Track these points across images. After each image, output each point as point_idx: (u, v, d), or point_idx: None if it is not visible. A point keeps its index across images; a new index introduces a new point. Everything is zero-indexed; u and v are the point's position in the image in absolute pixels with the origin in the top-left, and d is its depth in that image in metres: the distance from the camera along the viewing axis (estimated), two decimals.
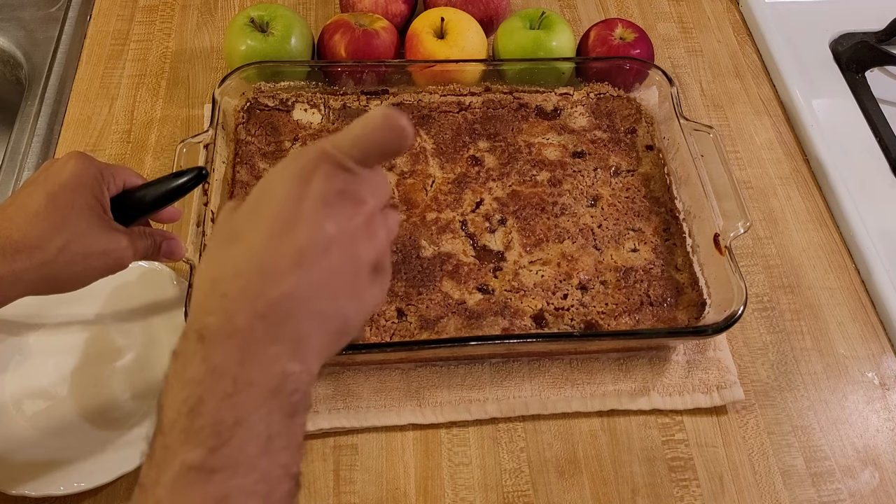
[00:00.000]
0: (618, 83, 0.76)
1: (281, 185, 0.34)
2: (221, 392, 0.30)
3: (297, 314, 0.32)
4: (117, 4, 0.88)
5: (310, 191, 0.33)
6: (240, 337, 0.31)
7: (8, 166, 0.73)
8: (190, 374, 0.31)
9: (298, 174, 0.34)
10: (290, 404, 0.32)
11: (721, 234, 0.62)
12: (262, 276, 0.32)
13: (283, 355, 0.32)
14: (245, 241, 0.33)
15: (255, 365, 0.31)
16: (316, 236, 0.33)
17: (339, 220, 0.34)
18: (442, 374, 0.62)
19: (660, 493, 0.58)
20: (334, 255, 0.34)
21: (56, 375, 0.59)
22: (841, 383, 0.64)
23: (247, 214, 0.35)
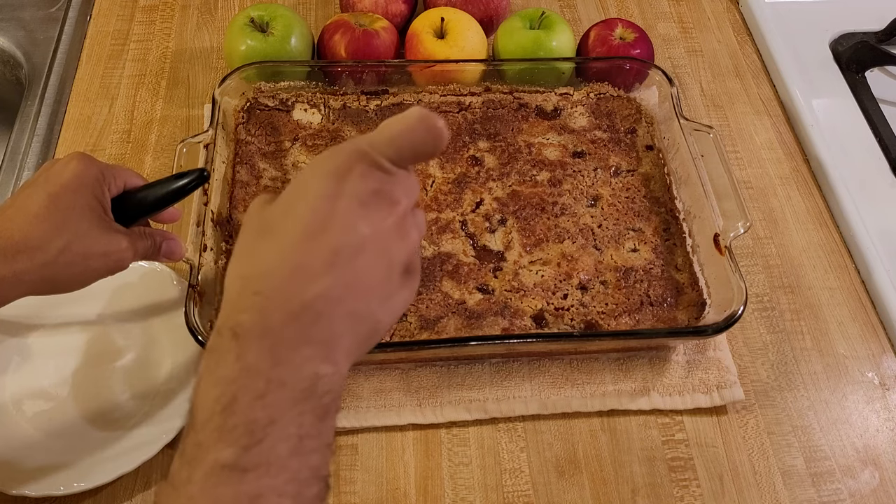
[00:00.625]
0: (618, 83, 0.76)
1: (316, 182, 0.34)
2: (255, 391, 0.30)
3: (330, 315, 0.32)
4: (117, 4, 0.88)
5: (345, 189, 0.33)
6: (273, 336, 0.31)
7: (8, 166, 0.73)
8: (223, 372, 0.31)
9: (334, 172, 0.34)
10: (321, 406, 0.32)
11: (721, 234, 0.62)
12: (296, 276, 0.32)
13: (315, 357, 0.32)
14: (278, 239, 0.33)
15: (288, 365, 0.31)
16: (350, 237, 0.33)
17: (373, 220, 0.34)
18: (442, 374, 0.62)
19: (660, 493, 0.58)
20: (368, 256, 0.33)
21: (56, 376, 0.59)
22: (841, 383, 0.64)
23: (280, 210, 0.34)
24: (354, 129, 0.72)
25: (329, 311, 0.32)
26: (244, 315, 0.32)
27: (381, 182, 0.34)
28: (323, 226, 0.32)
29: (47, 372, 0.59)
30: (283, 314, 0.31)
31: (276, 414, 0.30)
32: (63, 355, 0.60)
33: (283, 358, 0.31)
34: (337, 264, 0.32)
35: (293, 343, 0.31)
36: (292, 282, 0.32)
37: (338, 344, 0.33)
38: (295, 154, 0.70)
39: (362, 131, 0.72)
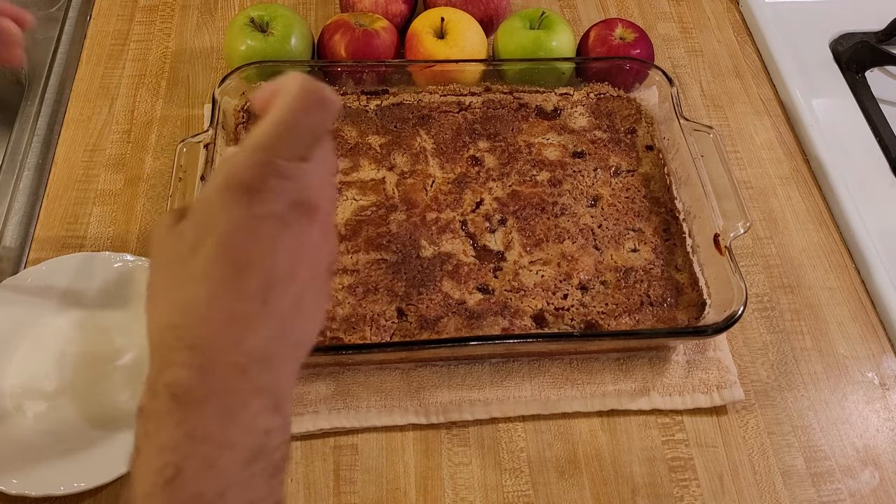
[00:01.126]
0: (618, 83, 0.76)
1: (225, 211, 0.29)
2: (203, 461, 0.27)
3: (279, 357, 0.29)
4: (117, 4, 0.88)
5: (260, 212, 0.29)
6: (219, 395, 0.28)
7: (8, 166, 0.73)
8: (164, 439, 0.27)
9: (242, 194, 0.29)
10: (272, 465, 0.29)
11: (721, 234, 0.62)
12: (232, 324, 0.28)
13: (265, 409, 0.29)
14: (199, 280, 0.29)
15: (237, 425, 0.28)
16: (279, 266, 0.29)
17: (297, 238, 0.30)
18: (442, 374, 0.62)
19: (660, 493, 0.58)
20: (301, 278, 0.30)
21: (56, 376, 0.59)
22: (841, 383, 0.64)
23: (190, 242, 0.30)
24: (354, 129, 0.72)
25: (276, 352, 0.29)
26: (182, 372, 0.28)
27: (295, 191, 0.30)
28: (247, 261, 0.29)
29: (47, 372, 0.59)
30: (226, 369, 0.28)
31: (225, 484, 0.27)
32: (62, 355, 0.60)
33: (232, 418, 0.28)
34: (273, 299, 0.29)
35: (242, 398, 0.28)
36: (230, 330, 0.28)
37: (284, 387, 0.30)
38: None
39: (362, 131, 0.72)
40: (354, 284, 0.62)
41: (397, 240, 0.65)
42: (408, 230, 0.66)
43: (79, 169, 0.74)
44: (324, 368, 0.61)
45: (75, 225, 0.70)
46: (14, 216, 0.70)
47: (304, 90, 0.31)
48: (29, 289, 0.62)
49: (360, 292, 0.62)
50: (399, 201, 0.68)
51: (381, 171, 0.70)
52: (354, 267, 0.63)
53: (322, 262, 0.32)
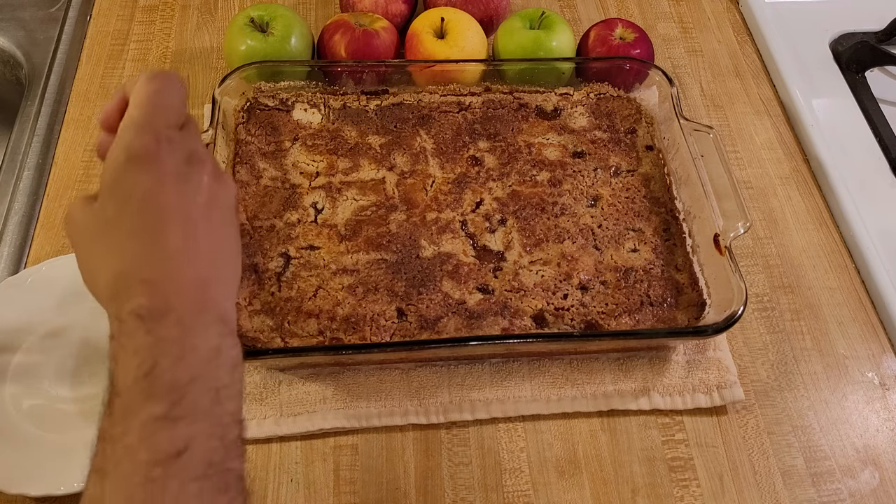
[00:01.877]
0: (618, 83, 0.76)
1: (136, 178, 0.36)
2: (172, 356, 0.34)
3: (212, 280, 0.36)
4: (117, 4, 0.88)
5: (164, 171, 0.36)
6: (176, 313, 0.34)
7: (8, 166, 0.73)
8: (138, 344, 0.34)
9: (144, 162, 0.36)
10: (230, 360, 0.36)
11: (721, 234, 0.62)
12: (169, 260, 0.35)
13: (214, 321, 0.36)
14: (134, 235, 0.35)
15: (196, 333, 0.35)
16: (191, 208, 0.36)
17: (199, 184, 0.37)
18: (442, 374, 0.62)
19: (660, 493, 0.58)
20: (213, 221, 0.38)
21: (55, 375, 0.59)
22: (841, 383, 0.64)
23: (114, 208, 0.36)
24: (354, 129, 0.72)
25: (210, 276, 0.36)
26: (141, 299, 0.34)
27: (182, 148, 0.37)
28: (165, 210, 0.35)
29: (47, 371, 0.59)
30: (175, 291, 0.35)
31: (194, 373, 0.34)
32: (62, 354, 0.60)
33: (191, 327, 0.35)
34: (194, 235, 0.36)
35: (195, 314, 0.35)
36: (169, 264, 0.35)
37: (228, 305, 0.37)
38: (295, 154, 0.70)
39: (362, 131, 0.72)
40: (354, 284, 0.62)
41: (397, 240, 0.65)
42: (408, 230, 0.66)
43: (79, 169, 0.74)
44: (324, 368, 0.61)
45: None
46: (14, 216, 0.70)
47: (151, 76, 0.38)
48: (29, 289, 0.62)
49: (360, 292, 0.62)
50: (399, 201, 0.68)
51: (381, 171, 0.69)
52: (354, 267, 0.63)
53: (223, 200, 0.39)
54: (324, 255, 0.63)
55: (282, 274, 0.62)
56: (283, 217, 0.65)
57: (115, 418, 0.34)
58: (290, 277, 0.62)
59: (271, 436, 0.59)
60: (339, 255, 0.64)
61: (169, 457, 0.32)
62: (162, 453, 0.32)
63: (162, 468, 0.32)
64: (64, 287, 0.63)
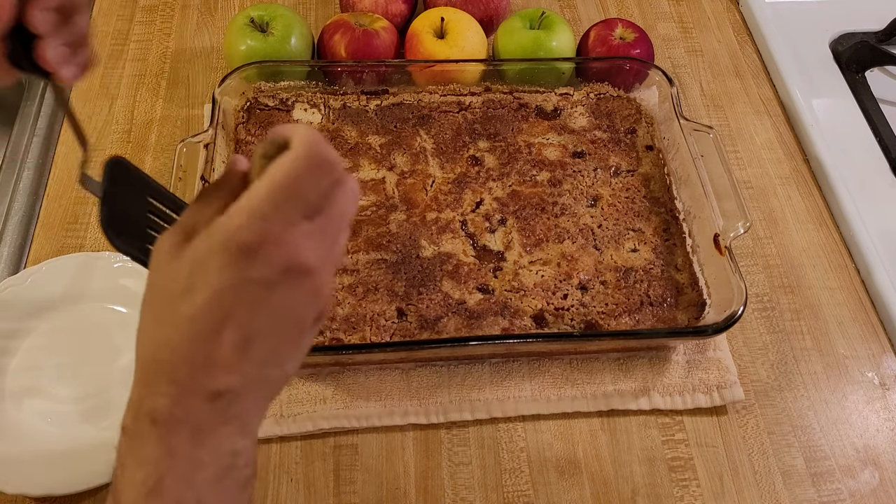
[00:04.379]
0: (618, 83, 0.76)
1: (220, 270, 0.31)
2: (180, 475, 0.31)
3: (245, 393, 0.33)
4: (117, 4, 0.88)
5: (251, 276, 0.31)
6: (192, 421, 0.32)
7: (8, 166, 0.73)
8: (146, 454, 0.31)
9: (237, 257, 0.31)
10: (241, 479, 0.33)
11: (721, 234, 0.62)
12: (208, 368, 0.32)
13: (234, 434, 0.33)
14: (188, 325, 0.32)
15: (209, 446, 0.32)
16: (260, 324, 0.32)
17: (283, 300, 0.32)
18: (442, 374, 0.62)
19: (660, 493, 0.58)
20: (279, 333, 0.33)
21: (56, 375, 0.59)
22: (841, 383, 0.64)
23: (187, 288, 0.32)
24: (354, 129, 0.72)
25: (244, 391, 0.33)
26: (161, 400, 0.32)
27: (288, 255, 0.32)
28: (230, 317, 0.32)
29: (47, 371, 0.59)
30: (199, 401, 0.32)
31: (201, 494, 0.32)
32: (63, 355, 0.60)
33: (203, 438, 0.32)
34: (248, 350, 0.32)
35: (212, 425, 0.32)
36: (205, 372, 0.32)
37: (253, 415, 0.34)
38: None
39: (362, 131, 0.72)
40: (354, 284, 0.62)
41: (397, 240, 0.65)
42: (408, 230, 0.66)
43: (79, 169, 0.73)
44: (324, 368, 0.61)
45: (75, 225, 0.70)
46: (14, 216, 0.70)
47: (308, 152, 0.32)
48: (29, 289, 0.62)
49: (360, 292, 0.62)
50: (399, 201, 0.68)
51: (381, 171, 0.70)
52: (354, 267, 0.63)
53: (306, 317, 0.34)
54: None
55: None
56: None
57: None
58: None
59: (271, 436, 0.59)
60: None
61: None
62: None
63: None
64: (64, 287, 0.63)
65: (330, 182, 0.33)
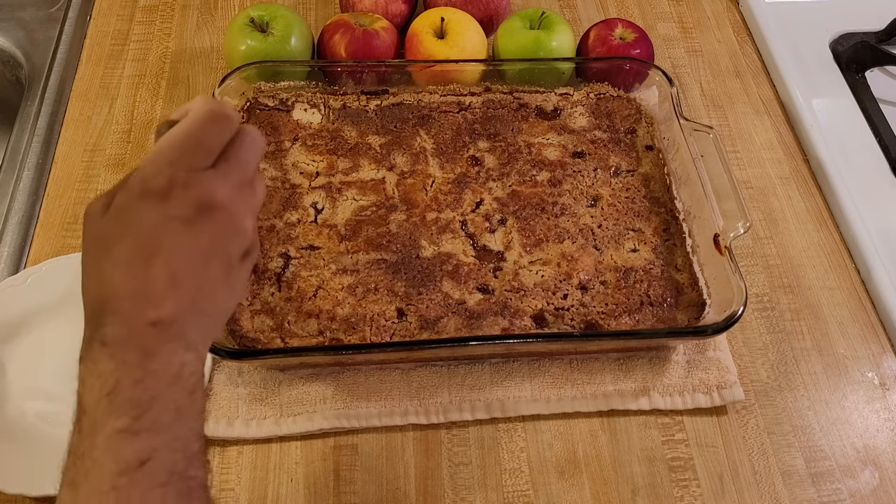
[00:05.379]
0: (618, 83, 0.76)
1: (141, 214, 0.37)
2: (133, 378, 0.36)
3: (182, 321, 0.37)
4: (117, 4, 0.88)
5: (168, 213, 0.37)
6: (137, 340, 0.36)
7: (8, 166, 0.73)
8: (102, 368, 0.36)
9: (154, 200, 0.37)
10: (190, 384, 0.38)
11: (721, 234, 0.62)
12: (144, 300, 0.36)
13: (177, 349, 0.37)
14: (120, 263, 0.37)
15: (157, 358, 0.36)
16: (182, 258, 0.37)
17: (202, 235, 0.38)
18: (442, 374, 0.62)
19: (660, 493, 0.58)
20: (205, 266, 0.38)
21: (56, 375, 0.59)
22: (841, 383, 0.64)
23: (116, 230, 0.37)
24: (354, 129, 0.72)
25: (180, 318, 0.37)
26: (108, 328, 0.36)
27: (199, 193, 0.37)
28: (156, 251, 0.36)
29: (47, 372, 0.59)
30: (141, 325, 0.36)
31: (154, 393, 0.36)
32: (63, 355, 0.60)
33: (151, 353, 0.36)
34: (178, 284, 0.37)
35: (156, 342, 0.36)
36: (142, 304, 0.36)
37: (193, 336, 0.38)
38: (295, 154, 0.70)
39: (362, 131, 0.72)
40: (354, 284, 0.62)
41: (397, 240, 0.65)
42: (408, 230, 0.66)
43: (79, 169, 0.74)
44: (324, 368, 0.61)
45: (75, 225, 0.70)
46: (14, 216, 0.70)
47: (204, 107, 0.39)
48: (29, 289, 0.62)
49: (360, 292, 0.62)
50: (399, 201, 0.68)
51: (381, 171, 0.70)
52: (354, 267, 0.63)
53: (231, 252, 0.39)
54: (324, 256, 0.63)
55: (282, 274, 0.62)
56: (283, 217, 0.65)
57: (83, 434, 0.36)
58: (291, 277, 0.62)
59: (271, 436, 0.59)
60: (339, 255, 0.64)
61: (133, 466, 0.35)
62: (126, 463, 0.35)
63: (127, 477, 0.35)
64: (64, 287, 0.63)
65: (227, 132, 0.39)
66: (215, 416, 0.59)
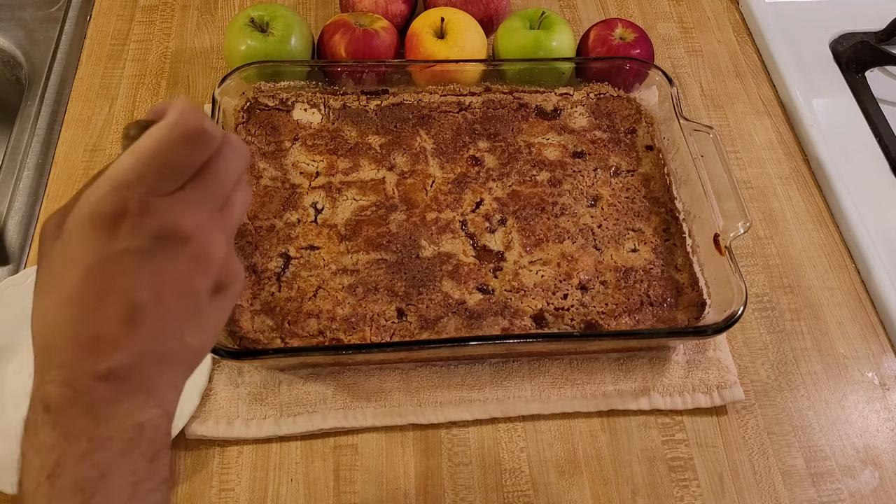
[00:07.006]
0: (618, 83, 0.76)
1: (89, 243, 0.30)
2: (77, 454, 0.30)
3: (142, 369, 0.31)
4: (117, 4, 0.88)
5: (119, 246, 0.30)
6: (84, 401, 0.30)
7: (8, 166, 0.73)
8: (42, 441, 0.30)
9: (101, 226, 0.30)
10: (151, 449, 0.32)
11: (721, 234, 0.62)
12: (95, 346, 0.30)
13: (135, 407, 0.31)
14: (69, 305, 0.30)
15: (108, 423, 0.30)
16: (139, 294, 0.31)
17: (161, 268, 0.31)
18: (442, 374, 0.62)
19: (660, 493, 0.58)
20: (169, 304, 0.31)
21: None
22: (841, 383, 0.64)
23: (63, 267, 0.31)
24: (354, 129, 0.72)
25: (139, 365, 0.31)
26: (51, 386, 0.30)
27: (158, 222, 0.31)
28: (108, 291, 0.30)
29: None
30: (90, 380, 0.30)
31: (105, 468, 0.30)
32: None
33: (102, 417, 0.30)
34: (135, 321, 0.31)
35: (108, 402, 0.30)
36: (92, 352, 0.30)
37: (156, 385, 0.32)
38: (295, 154, 0.70)
39: (362, 131, 0.72)
40: (354, 284, 0.62)
41: (397, 240, 0.65)
42: (408, 230, 0.66)
43: (79, 169, 0.74)
44: (324, 368, 0.61)
45: None
46: (14, 216, 0.70)
47: (179, 123, 0.31)
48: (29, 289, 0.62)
49: (360, 292, 0.62)
50: (399, 201, 0.68)
51: (381, 171, 0.70)
52: (354, 267, 0.63)
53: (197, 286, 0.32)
54: (324, 255, 0.63)
55: (282, 274, 0.62)
56: (283, 217, 0.65)
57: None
58: (290, 277, 0.62)
59: (271, 436, 0.59)
60: (339, 255, 0.64)
61: None
62: None
63: None
64: None
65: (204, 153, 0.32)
66: (215, 416, 0.59)
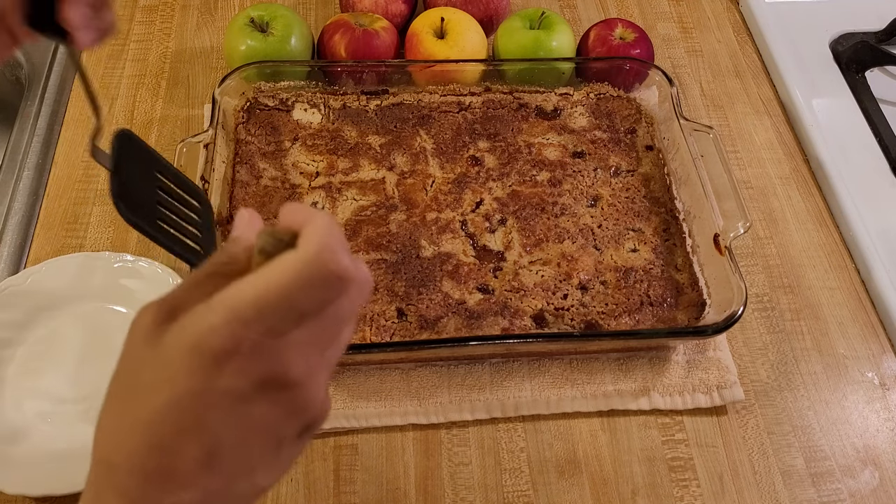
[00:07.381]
0: (618, 83, 0.76)
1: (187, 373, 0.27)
2: None
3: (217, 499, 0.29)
4: (117, 4, 0.88)
5: (219, 385, 0.27)
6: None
7: (8, 166, 0.73)
8: None
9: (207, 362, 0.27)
10: None
11: (721, 234, 0.62)
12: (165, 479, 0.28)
13: None
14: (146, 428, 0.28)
15: None
16: (227, 438, 0.28)
17: (257, 414, 0.29)
18: (442, 374, 0.62)
19: (660, 493, 0.58)
20: (253, 447, 0.29)
21: (56, 375, 0.59)
22: (841, 383, 0.64)
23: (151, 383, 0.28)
24: (354, 129, 0.72)
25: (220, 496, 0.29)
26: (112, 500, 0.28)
27: (267, 368, 0.28)
28: (194, 426, 0.28)
29: (47, 372, 0.59)
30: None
31: None
32: (63, 355, 0.60)
33: None
34: (211, 465, 0.28)
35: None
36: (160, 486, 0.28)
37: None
38: (295, 154, 0.70)
39: (362, 131, 0.72)
40: None
41: (397, 240, 0.65)
42: (408, 230, 0.66)
43: (79, 169, 0.74)
44: None
45: (75, 225, 0.70)
46: (14, 216, 0.70)
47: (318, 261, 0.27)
48: (29, 289, 0.62)
49: None
50: (399, 201, 0.68)
51: (381, 171, 0.70)
52: None
53: (285, 431, 0.30)
54: None
55: None
56: None
57: None
58: None
59: None
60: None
61: None
62: None
63: None
64: (64, 287, 0.63)
65: (335, 295, 0.29)
66: None
